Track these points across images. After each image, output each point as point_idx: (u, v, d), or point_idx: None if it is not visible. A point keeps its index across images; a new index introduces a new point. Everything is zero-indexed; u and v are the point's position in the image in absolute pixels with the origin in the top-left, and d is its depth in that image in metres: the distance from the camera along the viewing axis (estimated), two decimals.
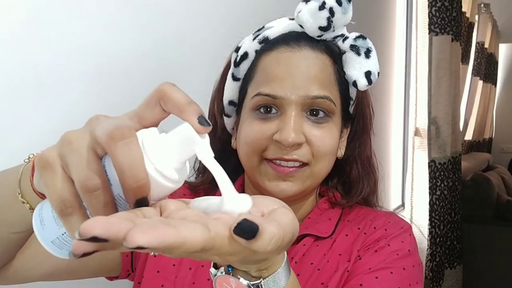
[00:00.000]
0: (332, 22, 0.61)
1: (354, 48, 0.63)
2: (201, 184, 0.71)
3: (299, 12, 0.62)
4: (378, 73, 0.64)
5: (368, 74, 0.63)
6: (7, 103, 0.62)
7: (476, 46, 3.80)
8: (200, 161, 0.71)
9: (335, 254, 0.63)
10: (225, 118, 0.70)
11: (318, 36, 0.63)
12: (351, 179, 0.71)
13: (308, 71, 0.61)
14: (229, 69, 0.68)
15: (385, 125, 2.21)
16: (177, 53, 0.89)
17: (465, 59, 3.30)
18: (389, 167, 2.29)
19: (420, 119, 2.27)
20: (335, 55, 0.64)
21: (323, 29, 0.62)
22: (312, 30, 0.62)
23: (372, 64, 0.63)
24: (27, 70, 0.64)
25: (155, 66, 0.86)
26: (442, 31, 2.18)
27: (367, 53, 0.63)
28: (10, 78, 0.62)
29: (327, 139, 0.62)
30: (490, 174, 3.10)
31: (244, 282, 0.39)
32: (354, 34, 0.64)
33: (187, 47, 0.91)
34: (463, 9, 2.89)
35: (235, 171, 0.70)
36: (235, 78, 0.67)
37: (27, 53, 0.64)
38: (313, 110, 0.61)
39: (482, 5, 3.85)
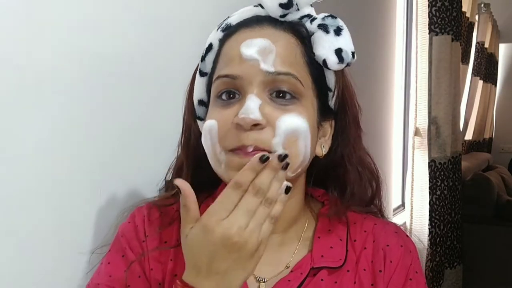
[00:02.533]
0: None
1: (323, 27, 0.58)
2: (174, 203, 0.65)
3: None
4: (353, 52, 0.58)
5: (338, 51, 0.57)
6: (7, 103, 0.62)
7: (476, 46, 3.80)
8: (172, 170, 0.69)
9: None
10: (198, 122, 0.65)
11: (282, 16, 0.59)
12: (346, 183, 0.66)
13: (270, 47, 0.56)
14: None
15: (385, 125, 2.21)
16: (179, 53, 0.89)
17: (465, 59, 3.30)
18: (389, 167, 2.29)
19: (420, 119, 2.27)
20: (303, 36, 0.59)
21: (284, 6, 0.57)
22: (273, 9, 0.58)
23: (343, 41, 0.58)
24: (27, 70, 0.64)
25: (156, 67, 0.86)
26: (442, 31, 2.18)
27: (337, 31, 0.58)
28: (10, 78, 0.62)
29: (294, 121, 0.55)
30: (490, 174, 3.10)
31: None
32: (322, 14, 0.60)
33: (188, 47, 0.91)
34: (463, 9, 2.89)
35: (215, 182, 0.65)
36: (202, 73, 0.63)
37: (27, 53, 0.64)
38: (279, 92, 0.56)
39: (482, 5, 3.85)
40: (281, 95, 0.56)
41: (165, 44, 0.87)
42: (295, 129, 0.55)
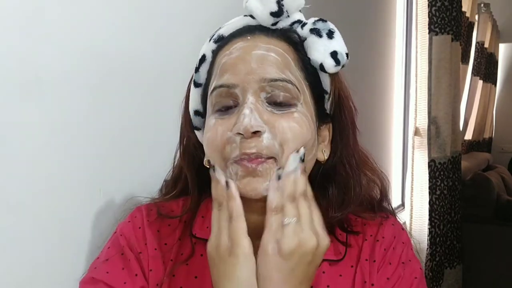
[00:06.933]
0: (283, 6, 0.58)
1: (315, 31, 0.59)
2: (180, 216, 0.65)
3: (247, 1, 0.59)
4: (347, 54, 0.59)
5: (334, 54, 0.58)
6: (7, 103, 0.62)
7: (476, 46, 3.79)
8: (171, 175, 0.68)
9: (359, 281, 0.62)
10: (196, 132, 0.65)
11: (273, 25, 0.59)
12: (346, 187, 0.65)
13: (263, 54, 0.56)
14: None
15: (385, 125, 2.21)
16: (179, 53, 0.89)
17: (465, 59, 3.30)
18: (389, 167, 2.29)
19: (420, 118, 2.27)
20: (296, 42, 0.60)
21: (275, 14, 0.58)
22: (264, 17, 0.59)
23: (337, 44, 0.59)
24: (27, 70, 0.64)
25: (156, 66, 0.86)
26: (442, 31, 2.18)
27: (330, 34, 0.59)
28: (10, 78, 0.62)
29: (294, 125, 0.55)
30: (490, 174, 3.10)
31: None
32: (312, 19, 0.60)
33: (189, 47, 0.91)
34: (463, 9, 2.89)
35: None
36: (196, 84, 0.64)
37: (27, 53, 0.64)
38: (275, 98, 0.56)
39: (482, 5, 3.85)
40: (277, 101, 0.56)
41: (166, 45, 0.87)
42: (298, 133, 0.56)
